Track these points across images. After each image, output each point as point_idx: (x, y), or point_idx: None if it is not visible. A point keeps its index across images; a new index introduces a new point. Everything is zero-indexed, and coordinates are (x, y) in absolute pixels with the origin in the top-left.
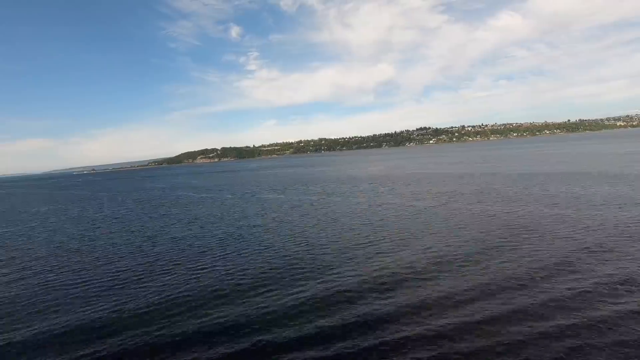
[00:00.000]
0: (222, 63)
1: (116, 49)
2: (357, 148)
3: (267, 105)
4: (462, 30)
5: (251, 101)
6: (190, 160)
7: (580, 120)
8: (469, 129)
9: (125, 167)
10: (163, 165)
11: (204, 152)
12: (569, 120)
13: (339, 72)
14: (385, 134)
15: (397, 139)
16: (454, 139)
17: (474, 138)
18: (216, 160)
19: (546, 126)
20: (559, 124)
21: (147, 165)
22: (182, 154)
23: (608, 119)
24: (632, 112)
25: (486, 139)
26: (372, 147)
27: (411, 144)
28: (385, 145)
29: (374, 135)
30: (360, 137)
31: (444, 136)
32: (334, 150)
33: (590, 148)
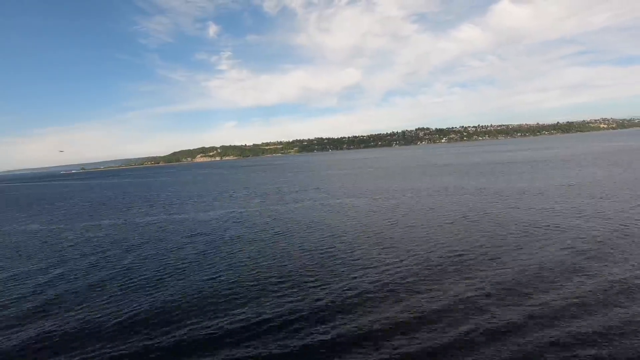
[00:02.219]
0: (193, 62)
1: (79, 43)
2: (364, 147)
3: (230, 106)
4: (429, 40)
5: (215, 102)
6: (190, 159)
7: (568, 122)
8: (471, 129)
9: (112, 167)
10: (160, 164)
11: (203, 151)
12: (558, 122)
13: (309, 74)
14: (392, 132)
15: (407, 139)
16: (465, 138)
17: (483, 137)
18: (217, 158)
19: (543, 127)
20: (553, 126)
21: (141, 164)
22: (178, 152)
23: (592, 121)
24: (608, 115)
25: (495, 138)
26: (380, 146)
27: (423, 142)
28: (396, 144)
29: (379, 134)
30: (367, 136)
31: (453, 135)
32: (340, 149)
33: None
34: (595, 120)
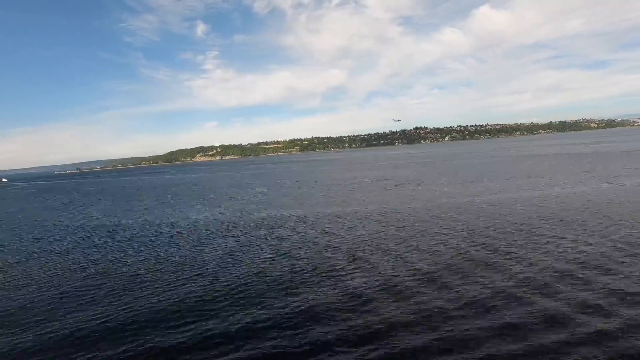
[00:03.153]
0: (178, 61)
1: (60, 41)
2: (366, 146)
3: (212, 107)
4: (413, 42)
5: (197, 102)
6: (189, 159)
7: (561, 121)
8: (472, 128)
9: (107, 167)
10: (159, 163)
11: (202, 150)
12: (551, 122)
13: (295, 75)
14: (394, 132)
15: (410, 137)
16: (467, 137)
17: (485, 136)
18: (218, 158)
19: (540, 126)
20: (547, 125)
21: (138, 164)
22: (175, 151)
23: (583, 121)
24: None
25: (496, 137)
26: (382, 144)
27: (426, 141)
28: (399, 143)
29: (381, 133)
30: (367, 135)
31: (455, 134)
32: (342, 148)
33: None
34: (586, 120)
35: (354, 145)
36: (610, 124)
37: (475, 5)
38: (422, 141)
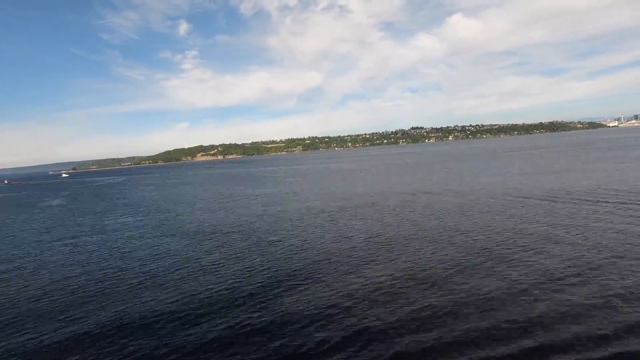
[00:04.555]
0: (155, 60)
1: (32, 34)
2: (370, 145)
3: (185, 107)
4: (391, 47)
5: (170, 102)
6: (190, 158)
7: (550, 122)
8: (471, 127)
9: (101, 167)
10: (158, 163)
11: (203, 149)
12: (541, 122)
13: (274, 76)
14: (396, 131)
15: (413, 137)
16: (470, 136)
17: (486, 135)
18: (220, 157)
19: (534, 126)
20: (537, 125)
21: (138, 163)
22: (171, 150)
23: (570, 122)
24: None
25: (497, 136)
26: (386, 144)
27: (431, 140)
28: (403, 142)
29: (383, 132)
30: (370, 134)
31: (458, 134)
32: (345, 147)
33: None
34: (572, 122)
35: (357, 145)
36: (593, 125)
37: (449, 13)
38: (425, 140)
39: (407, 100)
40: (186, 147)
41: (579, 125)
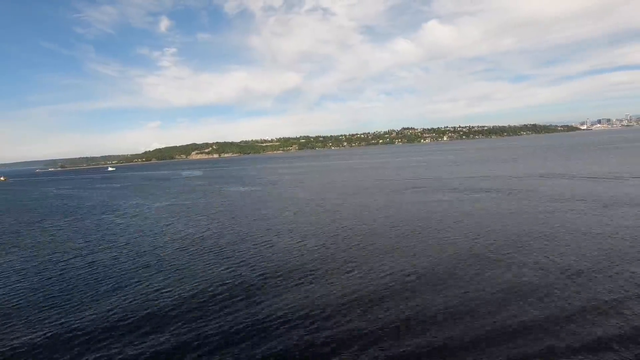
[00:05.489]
0: (131, 56)
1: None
2: (366, 145)
3: (159, 106)
4: (370, 50)
5: (144, 100)
6: (184, 156)
7: (533, 124)
8: (465, 129)
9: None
10: (152, 161)
11: (198, 147)
12: (526, 124)
13: (252, 76)
14: (390, 131)
15: (408, 137)
16: (463, 137)
17: (479, 136)
18: (215, 156)
19: (520, 128)
20: (522, 127)
21: (131, 161)
22: (163, 148)
23: (550, 125)
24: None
25: (488, 137)
26: (381, 144)
27: (426, 140)
28: (399, 142)
29: (377, 133)
30: (364, 134)
31: (451, 134)
32: (342, 146)
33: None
34: (551, 124)
35: (353, 145)
36: (571, 128)
37: (425, 19)
38: (422, 140)
39: (382, 102)
40: (178, 145)
41: (559, 128)
